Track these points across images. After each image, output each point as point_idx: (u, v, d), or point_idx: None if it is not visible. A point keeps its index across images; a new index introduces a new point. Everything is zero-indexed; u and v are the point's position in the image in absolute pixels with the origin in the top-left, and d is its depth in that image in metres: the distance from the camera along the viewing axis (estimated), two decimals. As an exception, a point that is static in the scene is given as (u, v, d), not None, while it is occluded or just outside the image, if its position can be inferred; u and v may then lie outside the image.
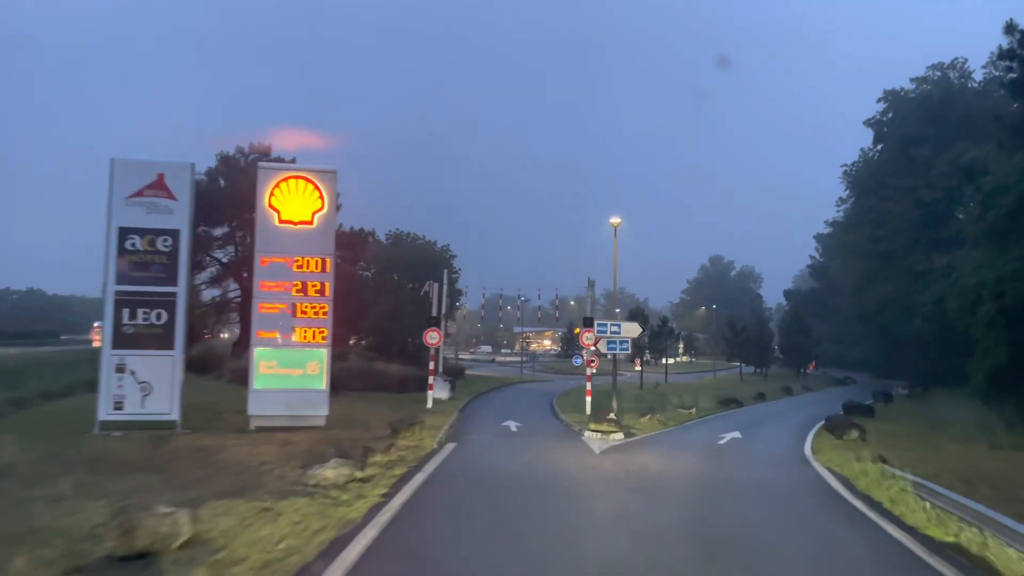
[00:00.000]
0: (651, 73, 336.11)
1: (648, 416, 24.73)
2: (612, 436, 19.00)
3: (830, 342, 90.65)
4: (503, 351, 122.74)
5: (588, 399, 26.97)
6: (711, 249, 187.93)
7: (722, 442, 19.38)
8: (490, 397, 36.81)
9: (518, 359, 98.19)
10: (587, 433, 19.41)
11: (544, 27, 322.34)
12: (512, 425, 21.93)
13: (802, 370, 69.85)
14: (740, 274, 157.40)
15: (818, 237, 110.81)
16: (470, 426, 21.27)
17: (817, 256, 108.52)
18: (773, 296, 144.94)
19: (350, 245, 36.93)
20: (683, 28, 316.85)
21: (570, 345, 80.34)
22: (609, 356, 25.47)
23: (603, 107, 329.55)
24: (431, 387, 26.56)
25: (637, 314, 45.21)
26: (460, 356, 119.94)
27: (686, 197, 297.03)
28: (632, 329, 23.69)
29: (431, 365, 27.12)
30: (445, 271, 38.12)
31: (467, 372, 63.32)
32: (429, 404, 26.13)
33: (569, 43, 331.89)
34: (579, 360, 70.12)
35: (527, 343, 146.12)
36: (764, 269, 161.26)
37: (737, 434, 21.22)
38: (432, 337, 27.13)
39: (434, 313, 27.56)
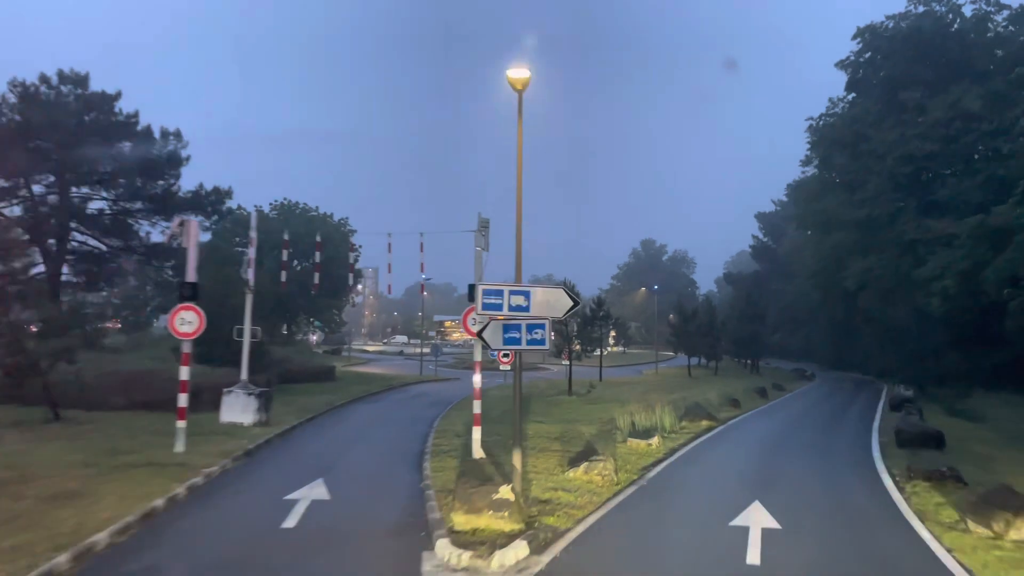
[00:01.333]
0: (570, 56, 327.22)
1: (584, 466, 12.81)
2: (497, 561, 7.18)
3: (769, 330, 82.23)
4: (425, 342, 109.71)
5: (476, 435, 14.99)
6: (644, 235, 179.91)
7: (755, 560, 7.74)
8: (345, 414, 24.33)
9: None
10: (443, 549, 7.59)
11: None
12: (302, 503, 9.83)
13: (754, 363, 60.10)
14: (673, 259, 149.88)
15: (760, 216, 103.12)
16: (192, 513, 9.05)
17: (760, 236, 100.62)
18: (706, 282, 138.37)
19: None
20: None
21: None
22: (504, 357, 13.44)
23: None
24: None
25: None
26: (367, 347, 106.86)
27: (619, 181, 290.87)
28: (555, 302, 11.17)
29: (182, 372, 14.25)
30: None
31: (352, 370, 50.92)
32: (178, 446, 13.67)
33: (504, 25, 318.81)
34: (496, 353, 58.17)
35: (442, 332, 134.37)
36: (696, 254, 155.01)
37: (767, 518, 9.57)
38: (184, 321, 14.30)
39: (190, 278, 14.51)
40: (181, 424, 13.85)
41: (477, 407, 15.10)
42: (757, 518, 9.59)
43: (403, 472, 13.19)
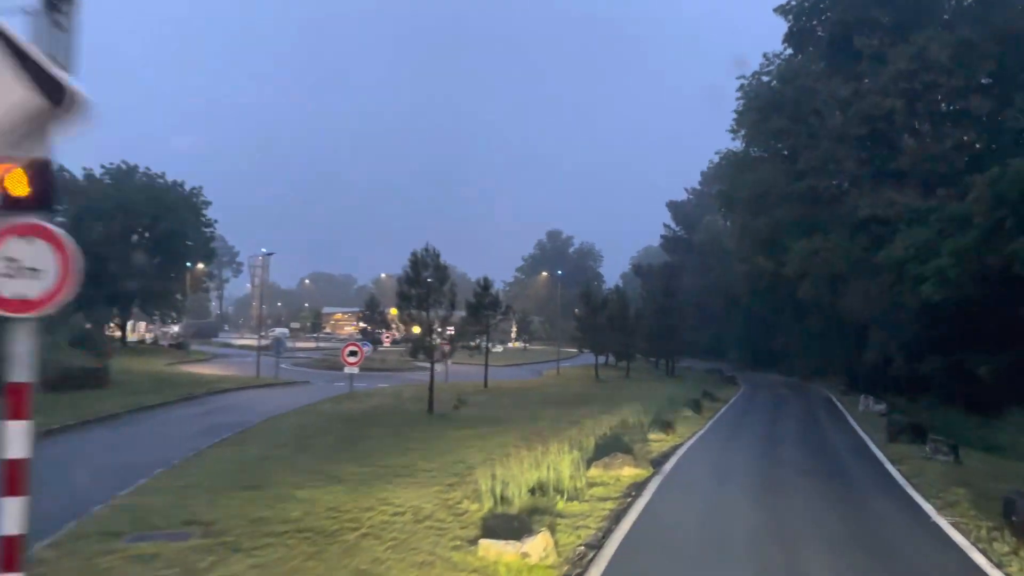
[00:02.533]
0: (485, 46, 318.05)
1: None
2: None
3: (687, 327, 75.55)
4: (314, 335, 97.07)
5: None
6: (552, 226, 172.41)
7: None
8: None
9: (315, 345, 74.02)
10: None
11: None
12: None
13: (671, 363, 52.18)
14: (579, 251, 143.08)
15: (673, 205, 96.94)
16: None
17: (672, 226, 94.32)
18: (612, 277, 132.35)
19: None
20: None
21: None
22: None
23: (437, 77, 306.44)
24: None
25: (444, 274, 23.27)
26: (234, 341, 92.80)
27: (526, 173, 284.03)
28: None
29: None
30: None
31: (181, 370, 39.77)
32: None
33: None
34: (367, 346, 48.23)
35: (334, 325, 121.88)
36: (603, 248, 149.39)
37: None
38: None
39: None
40: None
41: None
42: None
43: None
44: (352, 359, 27.68)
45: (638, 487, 12.02)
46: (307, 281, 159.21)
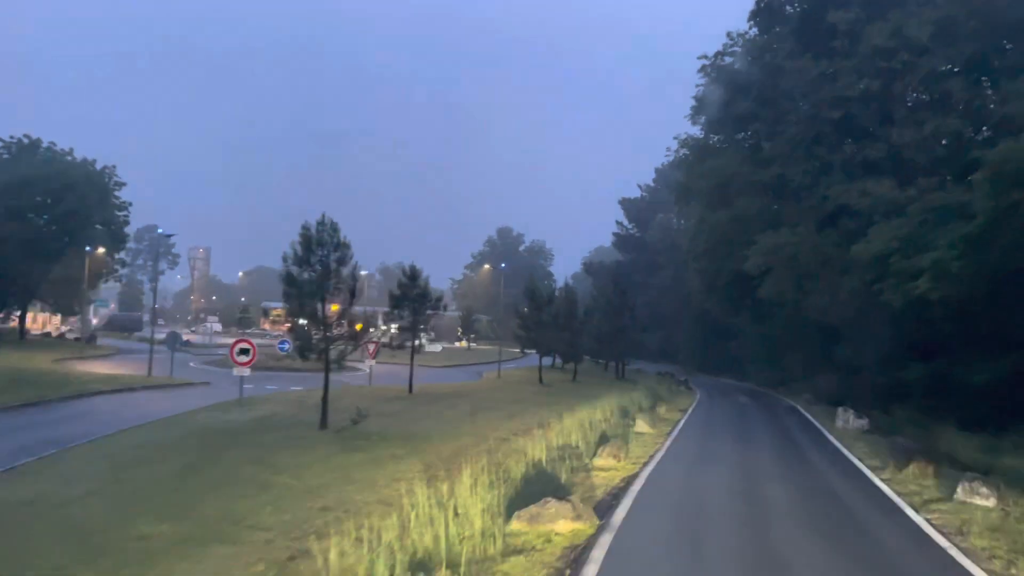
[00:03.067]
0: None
1: None
2: None
3: (638, 327, 72.34)
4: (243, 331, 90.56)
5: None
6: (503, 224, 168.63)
7: None
8: None
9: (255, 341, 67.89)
10: None
11: None
12: None
13: (620, 365, 48.57)
14: (530, 249, 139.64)
15: (625, 203, 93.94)
16: None
17: (625, 224, 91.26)
18: (564, 277, 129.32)
19: None
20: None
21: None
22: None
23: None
24: None
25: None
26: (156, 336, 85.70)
27: (477, 169, 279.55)
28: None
29: None
30: None
31: (76, 368, 34.75)
32: None
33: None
34: (286, 346, 43.01)
35: (274, 321, 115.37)
36: (555, 247, 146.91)
37: None
38: None
39: None
40: None
41: None
42: None
43: None
44: (242, 359, 22.96)
45: (575, 559, 7.87)
46: (244, 275, 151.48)
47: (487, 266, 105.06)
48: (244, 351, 23.14)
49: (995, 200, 17.45)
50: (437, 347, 60.40)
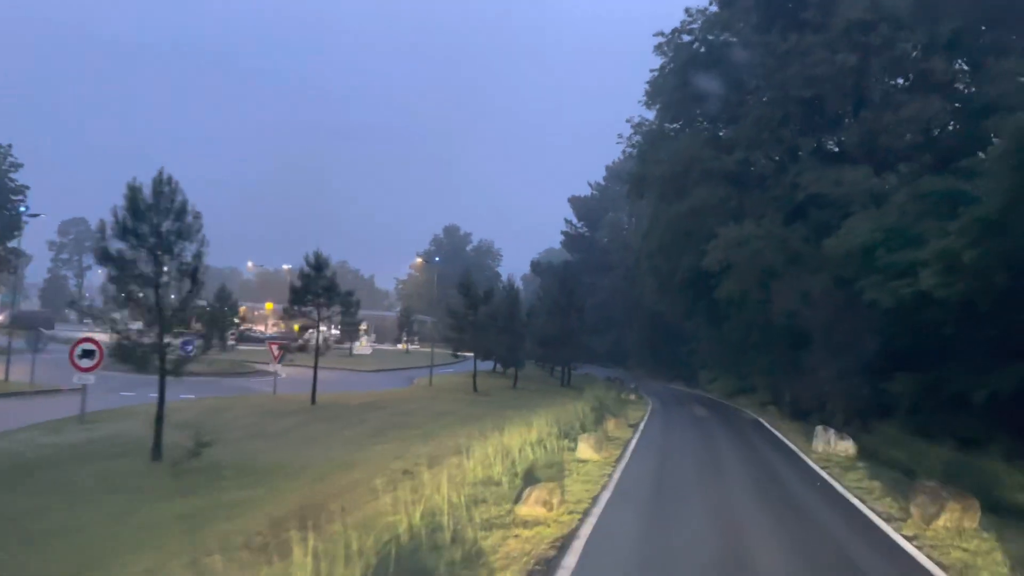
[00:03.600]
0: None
1: None
2: None
3: (586, 329, 68.85)
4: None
5: None
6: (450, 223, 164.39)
7: None
8: None
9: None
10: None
11: None
12: None
13: (566, 370, 44.74)
14: (478, 249, 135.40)
15: (575, 201, 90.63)
16: None
17: (574, 222, 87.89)
18: (513, 279, 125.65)
19: None
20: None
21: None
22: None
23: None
24: None
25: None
26: (69, 334, 77.92)
27: (428, 168, 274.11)
28: None
29: None
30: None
31: None
32: None
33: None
34: (190, 347, 36.72)
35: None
36: (506, 249, 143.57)
37: None
38: None
39: None
40: None
41: None
42: None
43: None
44: (85, 363, 18.16)
45: None
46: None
47: (419, 259, 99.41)
48: (88, 353, 18.32)
49: (1016, 176, 14.08)
50: (367, 349, 55.55)
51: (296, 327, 63.16)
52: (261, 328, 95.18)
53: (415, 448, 16.39)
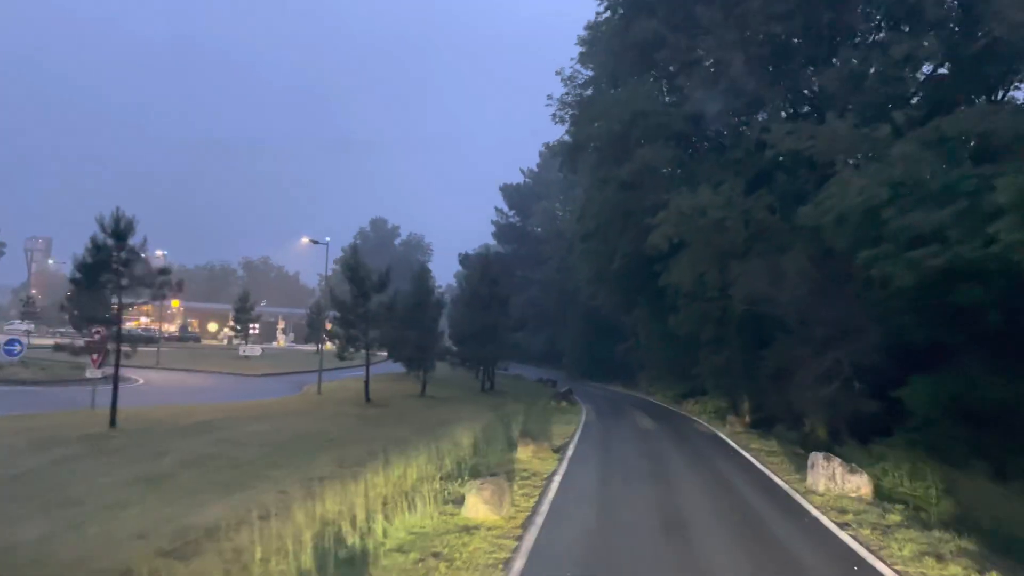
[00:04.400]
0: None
1: None
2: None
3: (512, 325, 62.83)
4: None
5: None
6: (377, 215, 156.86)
7: None
8: None
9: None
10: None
11: None
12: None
13: (489, 373, 38.67)
14: (406, 243, 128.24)
15: (507, 189, 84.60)
16: None
17: (506, 211, 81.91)
18: (445, 276, 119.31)
19: None
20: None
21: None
22: None
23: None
24: None
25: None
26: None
27: (362, 162, 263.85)
28: None
29: None
30: None
31: None
32: None
33: None
34: (15, 349, 31.44)
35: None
36: (439, 244, 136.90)
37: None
38: None
39: None
40: None
41: None
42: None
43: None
44: None
45: None
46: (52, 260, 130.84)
47: (304, 239, 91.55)
48: None
49: None
50: (256, 350, 48.11)
51: (194, 324, 53.98)
52: (168, 328, 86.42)
53: (196, 513, 9.91)
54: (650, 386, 41.76)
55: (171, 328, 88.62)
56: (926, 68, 22.14)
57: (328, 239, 27.25)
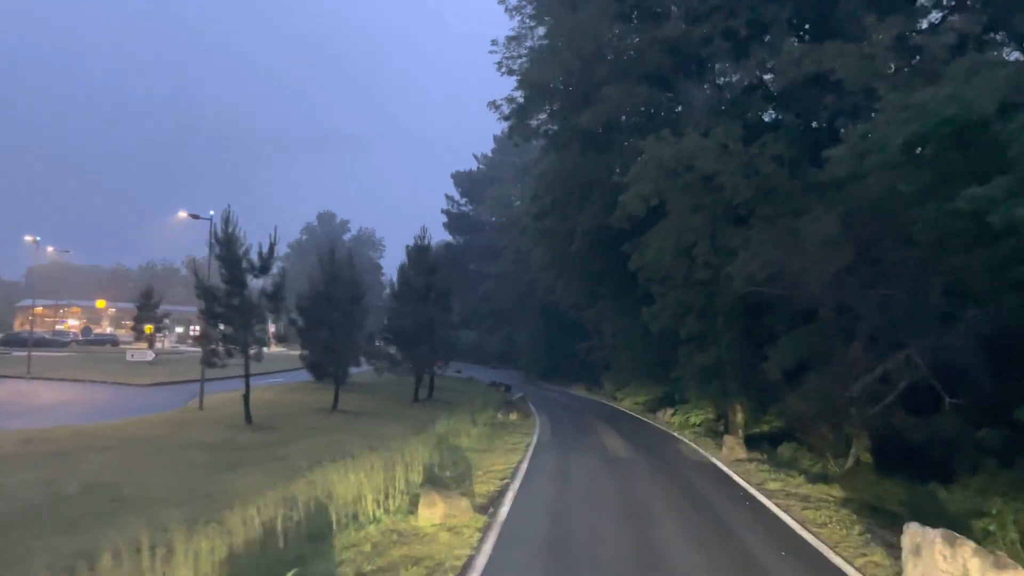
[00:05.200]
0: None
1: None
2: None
3: (456, 322, 56.44)
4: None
5: None
6: (324, 209, 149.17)
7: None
8: None
9: None
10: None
11: None
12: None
13: (423, 379, 32.45)
14: (357, 239, 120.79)
15: (459, 176, 78.33)
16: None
17: (457, 199, 75.67)
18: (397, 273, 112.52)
19: None
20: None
21: None
22: None
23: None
24: None
25: None
26: None
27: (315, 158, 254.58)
28: None
29: None
30: None
31: None
32: None
33: None
34: None
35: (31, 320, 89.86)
36: (391, 240, 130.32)
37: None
38: None
39: None
40: None
41: None
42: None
43: None
44: None
45: None
46: (31, 270, 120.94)
47: (183, 212, 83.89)
48: None
49: None
50: (148, 355, 41.04)
51: (149, 328, 44.86)
52: (110, 330, 78.55)
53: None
54: (617, 390, 36.09)
55: (121, 331, 79.07)
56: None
57: (212, 212, 20.96)
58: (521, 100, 27.93)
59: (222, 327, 18.71)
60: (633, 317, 28.60)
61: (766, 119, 18.61)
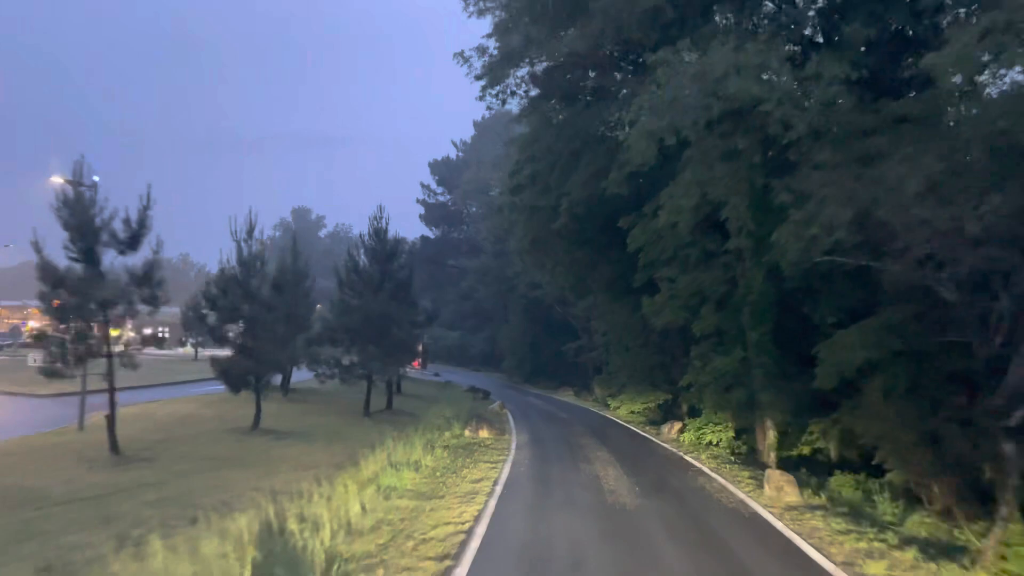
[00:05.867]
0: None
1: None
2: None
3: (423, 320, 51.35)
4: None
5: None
6: (299, 204, 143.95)
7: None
8: None
9: None
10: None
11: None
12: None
13: (394, 378, 27.47)
14: (333, 235, 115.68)
15: (436, 165, 73.21)
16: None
17: (434, 188, 70.54)
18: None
19: None
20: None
21: None
22: None
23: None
24: None
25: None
26: None
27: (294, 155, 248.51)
28: None
29: None
30: None
31: None
32: None
33: None
34: None
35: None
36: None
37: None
38: None
39: None
40: None
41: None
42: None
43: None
44: None
45: None
46: None
47: (51, 180, 79.66)
48: None
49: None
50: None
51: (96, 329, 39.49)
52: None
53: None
54: (610, 397, 31.12)
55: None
56: None
57: (96, 178, 15.91)
58: (495, 51, 22.98)
59: (70, 323, 13.57)
60: (630, 311, 23.72)
61: (819, 39, 13.74)
